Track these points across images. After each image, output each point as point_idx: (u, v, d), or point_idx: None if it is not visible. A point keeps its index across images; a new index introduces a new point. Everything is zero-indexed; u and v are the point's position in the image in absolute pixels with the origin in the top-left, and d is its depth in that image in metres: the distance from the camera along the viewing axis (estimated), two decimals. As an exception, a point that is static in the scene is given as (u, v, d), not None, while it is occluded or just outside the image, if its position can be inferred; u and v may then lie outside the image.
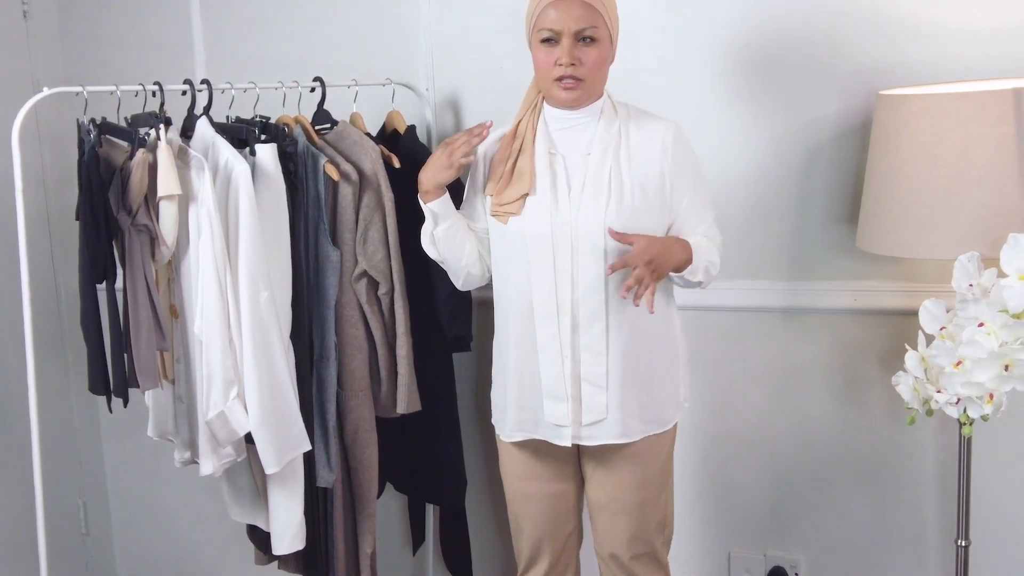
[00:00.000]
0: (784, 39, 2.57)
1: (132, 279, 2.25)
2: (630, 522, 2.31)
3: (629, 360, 2.19)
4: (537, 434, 2.27)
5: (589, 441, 2.23)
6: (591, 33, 2.09)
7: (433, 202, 2.25)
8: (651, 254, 2.08)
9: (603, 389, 2.18)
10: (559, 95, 2.15)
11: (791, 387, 2.73)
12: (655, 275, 2.10)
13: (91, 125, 2.28)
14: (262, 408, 2.26)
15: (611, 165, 2.15)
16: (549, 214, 2.15)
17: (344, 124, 2.59)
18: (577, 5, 2.08)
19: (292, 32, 3.10)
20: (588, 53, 2.11)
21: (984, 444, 2.49)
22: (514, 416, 2.29)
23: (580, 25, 2.08)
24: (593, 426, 2.21)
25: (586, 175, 2.16)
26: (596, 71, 2.13)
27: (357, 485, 2.61)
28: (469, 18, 2.89)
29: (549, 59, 2.12)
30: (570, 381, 2.19)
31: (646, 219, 2.16)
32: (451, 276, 2.37)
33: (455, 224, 2.28)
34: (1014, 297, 2.01)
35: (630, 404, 2.20)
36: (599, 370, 2.17)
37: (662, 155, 2.17)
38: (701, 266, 2.19)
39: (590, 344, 2.17)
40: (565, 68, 2.10)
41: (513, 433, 2.31)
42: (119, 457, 3.66)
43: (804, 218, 2.63)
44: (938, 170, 2.12)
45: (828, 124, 2.56)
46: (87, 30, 3.40)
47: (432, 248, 2.31)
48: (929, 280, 2.48)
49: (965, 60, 2.41)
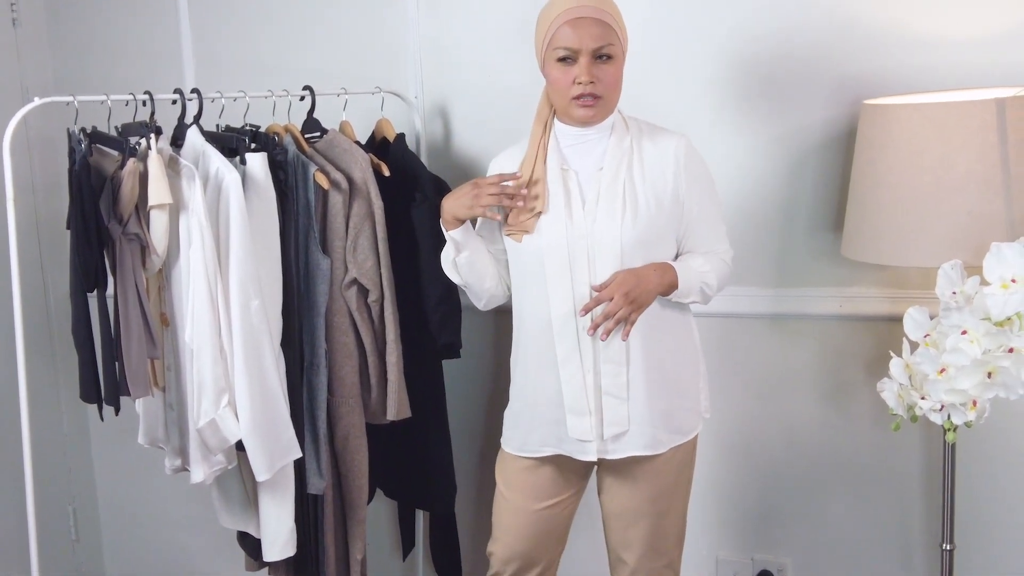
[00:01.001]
0: (770, 49, 2.60)
1: (123, 287, 2.25)
2: (646, 533, 2.30)
3: (651, 370, 2.19)
4: (561, 449, 2.25)
5: (615, 455, 2.22)
6: (608, 51, 2.10)
7: (455, 231, 2.25)
8: (627, 287, 2.09)
9: (624, 401, 2.18)
10: (577, 113, 2.14)
11: (778, 392, 2.75)
12: (635, 306, 2.10)
13: (82, 134, 2.29)
14: (253, 415, 2.27)
15: (624, 178, 2.16)
16: (565, 229, 2.16)
17: (334, 132, 2.60)
18: (594, 23, 2.08)
19: (281, 41, 3.11)
20: (606, 70, 2.11)
21: (968, 450, 2.52)
22: (538, 432, 2.27)
23: (598, 43, 2.08)
24: (617, 439, 2.20)
25: (600, 189, 2.16)
26: (614, 88, 2.14)
27: (347, 491, 2.62)
28: (458, 27, 2.90)
29: (567, 78, 2.11)
30: (592, 394, 2.19)
31: (661, 230, 2.17)
32: (472, 298, 2.37)
33: (476, 251, 2.29)
34: (996, 305, 2.02)
35: (655, 414, 2.20)
36: (620, 381, 2.17)
37: (675, 168, 2.17)
38: (694, 287, 2.18)
39: (611, 356, 2.16)
40: (584, 86, 2.10)
41: (538, 448, 2.29)
42: (109, 464, 3.66)
43: (790, 225, 2.65)
44: (921, 178, 2.14)
45: (814, 133, 2.59)
46: (76, 38, 3.41)
47: (455, 274, 2.32)
48: (914, 287, 2.51)
49: (948, 69, 2.44)
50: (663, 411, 2.22)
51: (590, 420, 2.19)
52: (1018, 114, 2.09)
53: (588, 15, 2.08)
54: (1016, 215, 2.11)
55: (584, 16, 2.08)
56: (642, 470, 2.26)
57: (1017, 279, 2.01)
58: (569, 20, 2.08)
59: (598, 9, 2.09)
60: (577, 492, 2.38)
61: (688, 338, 2.30)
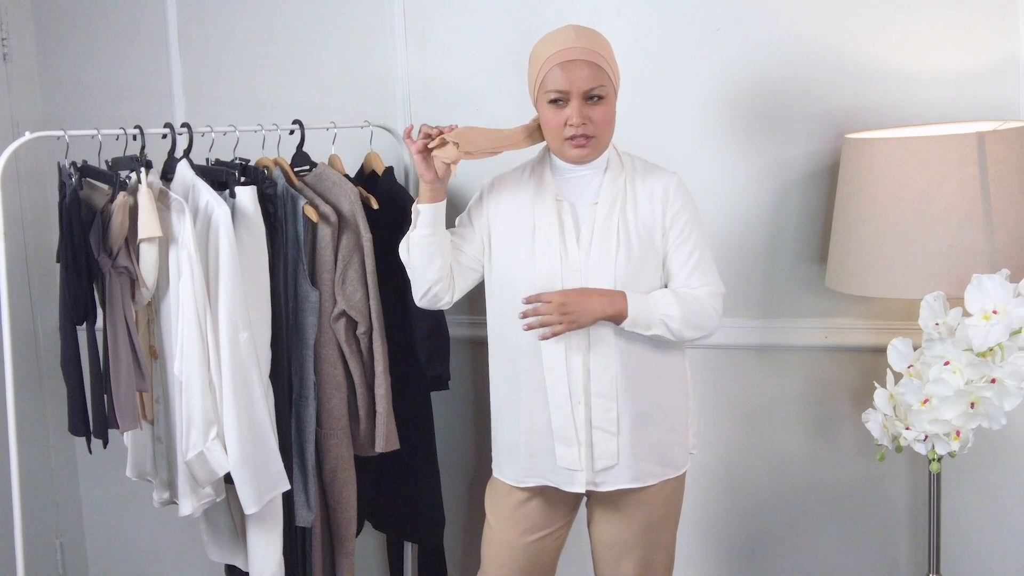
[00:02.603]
0: (754, 84, 2.63)
1: (112, 320, 2.26)
2: (636, 565, 2.30)
3: (641, 404, 2.19)
4: (550, 481, 2.26)
5: (603, 487, 2.22)
6: (599, 92, 2.12)
7: (423, 203, 2.23)
8: (565, 300, 2.11)
9: (614, 435, 2.18)
10: (570, 153, 2.17)
11: (764, 423, 2.76)
12: (567, 320, 2.10)
13: (72, 168, 2.30)
14: (242, 448, 2.27)
15: (619, 215, 2.17)
16: (559, 261, 2.17)
17: (323, 166, 2.63)
18: (584, 65, 2.10)
19: (271, 75, 3.14)
20: (597, 111, 2.13)
21: (952, 480, 2.53)
22: (527, 461, 2.27)
23: (588, 85, 2.10)
24: (607, 472, 2.20)
25: (595, 224, 2.18)
26: (606, 128, 2.16)
27: (336, 524, 2.62)
28: (445, 61, 2.93)
29: (559, 119, 2.13)
30: (583, 426, 2.19)
31: (650, 269, 2.19)
32: (414, 287, 2.30)
33: (436, 235, 2.23)
34: (978, 336, 2.04)
35: (645, 449, 2.21)
36: (611, 415, 2.18)
37: (663, 204, 2.19)
38: (653, 320, 2.14)
39: (601, 390, 2.17)
40: (576, 128, 2.12)
41: (525, 478, 2.29)
42: (96, 498, 3.64)
43: (775, 257, 2.68)
44: (903, 211, 2.17)
45: (797, 166, 2.62)
46: (66, 73, 3.43)
47: (405, 252, 2.28)
48: (897, 318, 2.53)
49: (929, 104, 2.47)
50: (653, 445, 2.22)
51: (579, 450, 2.20)
52: (998, 148, 2.12)
53: (579, 57, 2.10)
54: (997, 247, 2.13)
55: (575, 59, 2.10)
56: (631, 502, 2.27)
57: (999, 310, 2.03)
58: (560, 63, 2.11)
59: (588, 50, 2.11)
60: (566, 524, 2.39)
61: (680, 374, 2.30)
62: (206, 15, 3.22)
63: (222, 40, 3.20)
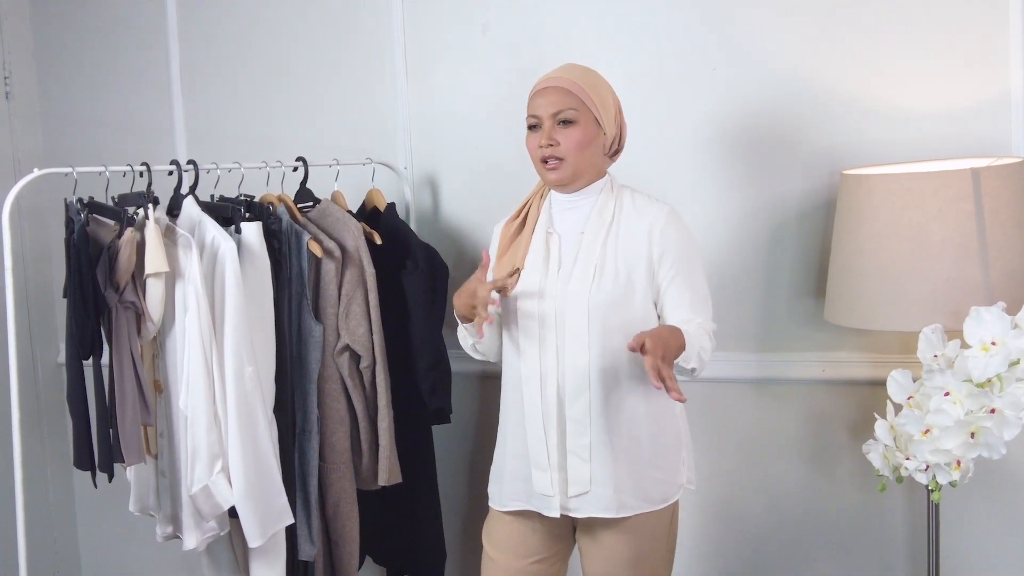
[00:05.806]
0: (751, 121, 2.67)
1: (118, 355, 2.28)
2: None
3: (617, 434, 2.20)
4: (530, 504, 2.28)
5: (577, 513, 2.23)
6: (568, 116, 2.19)
7: (469, 324, 2.30)
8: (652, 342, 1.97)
9: (586, 461, 2.20)
10: (546, 176, 2.24)
11: (762, 456, 2.77)
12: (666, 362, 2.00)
13: (79, 204, 2.32)
14: (247, 481, 2.28)
15: (602, 244, 2.21)
16: (538, 290, 2.21)
17: (326, 202, 2.65)
18: (553, 91, 2.20)
19: (273, 112, 3.17)
20: (566, 134, 2.19)
21: (953, 509, 2.55)
22: (510, 485, 2.31)
23: (556, 108, 2.19)
24: (580, 498, 2.22)
25: (578, 252, 2.22)
26: (576, 151, 2.20)
27: (338, 558, 2.62)
28: (446, 99, 2.97)
29: (533, 143, 2.23)
30: (556, 452, 2.21)
31: (629, 300, 2.19)
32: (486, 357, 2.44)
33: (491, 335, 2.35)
34: (978, 367, 2.08)
35: (620, 479, 2.20)
36: (583, 442, 2.19)
37: (649, 238, 2.21)
38: (694, 353, 2.12)
39: (575, 415, 2.20)
40: (544, 149, 2.20)
41: (508, 502, 2.32)
42: (93, 534, 3.63)
43: (773, 291, 2.71)
44: (900, 246, 2.21)
45: (794, 202, 2.66)
46: (68, 111, 3.46)
47: (474, 352, 2.40)
48: (895, 351, 2.56)
49: (925, 141, 2.51)
50: (629, 476, 2.22)
51: (551, 476, 2.22)
52: (992, 183, 2.17)
53: (553, 84, 2.21)
54: (993, 280, 2.17)
55: (548, 86, 2.21)
56: (612, 533, 2.26)
57: (997, 342, 2.07)
58: (538, 91, 2.23)
59: (565, 79, 2.20)
60: (560, 552, 2.38)
61: (666, 409, 2.28)
62: (208, 53, 3.26)
63: (224, 78, 3.24)
